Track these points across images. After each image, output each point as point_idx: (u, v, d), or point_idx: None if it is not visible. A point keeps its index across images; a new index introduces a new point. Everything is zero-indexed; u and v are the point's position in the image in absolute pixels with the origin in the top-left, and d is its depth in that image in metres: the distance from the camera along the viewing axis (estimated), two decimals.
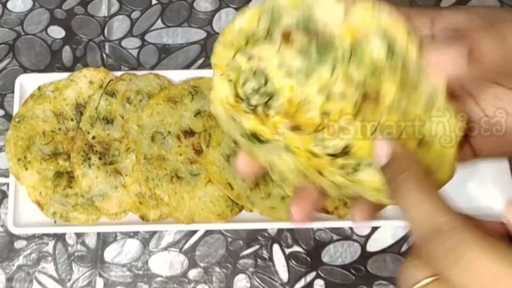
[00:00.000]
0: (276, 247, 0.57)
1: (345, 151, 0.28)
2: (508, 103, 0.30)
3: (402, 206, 0.26)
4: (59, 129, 0.58)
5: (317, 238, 0.58)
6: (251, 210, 0.55)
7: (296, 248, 0.57)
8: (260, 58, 0.28)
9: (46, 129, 0.58)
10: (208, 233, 0.58)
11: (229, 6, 0.67)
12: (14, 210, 0.55)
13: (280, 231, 0.58)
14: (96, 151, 0.56)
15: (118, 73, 0.60)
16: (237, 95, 0.29)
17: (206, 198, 0.55)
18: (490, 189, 0.57)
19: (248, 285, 0.56)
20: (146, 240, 0.58)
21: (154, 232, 0.58)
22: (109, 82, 0.59)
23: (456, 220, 0.24)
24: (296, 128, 0.28)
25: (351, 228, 0.57)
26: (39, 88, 0.59)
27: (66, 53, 0.65)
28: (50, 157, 0.57)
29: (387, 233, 0.58)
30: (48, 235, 0.58)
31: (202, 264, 0.57)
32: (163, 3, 0.67)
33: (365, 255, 0.57)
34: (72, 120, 0.59)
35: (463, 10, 0.29)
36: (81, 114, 0.58)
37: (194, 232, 0.58)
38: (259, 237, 0.58)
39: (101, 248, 0.58)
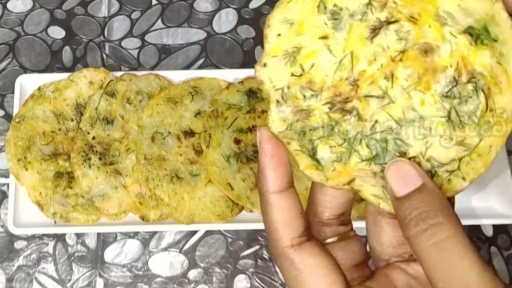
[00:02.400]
0: None
1: None
2: None
3: (428, 261, 0.24)
4: (59, 129, 0.58)
5: None
6: (251, 211, 0.55)
7: None
8: None
9: (46, 129, 0.58)
10: (208, 233, 0.58)
11: (229, 6, 0.67)
12: (14, 211, 0.55)
13: None
14: (96, 151, 0.56)
15: (118, 74, 0.60)
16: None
17: (206, 199, 0.55)
18: (490, 190, 0.57)
19: (248, 285, 0.56)
20: (146, 240, 0.58)
21: (154, 233, 0.58)
22: (109, 82, 0.59)
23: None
24: None
25: None
26: (39, 88, 0.59)
27: (66, 54, 0.65)
28: (50, 157, 0.57)
29: None
30: (48, 235, 0.58)
31: (202, 265, 0.57)
32: (163, 4, 0.67)
33: None
34: (72, 120, 0.58)
35: None
36: (81, 114, 0.58)
37: (194, 232, 0.58)
38: (259, 238, 0.58)
39: (101, 248, 0.58)
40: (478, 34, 0.28)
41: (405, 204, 0.25)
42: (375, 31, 0.28)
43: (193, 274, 0.57)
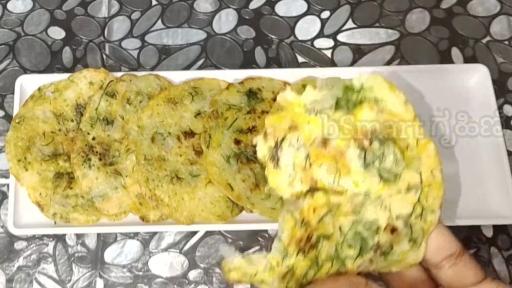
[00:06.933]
0: None
1: None
2: None
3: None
4: (59, 130, 0.58)
5: None
6: (251, 211, 0.55)
7: None
8: None
9: (46, 130, 0.58)
10: (208, 234, 0.58)
11: (229, 7, 0.67)
12: (14, 211, 0.55)
13: None
14: (96, 152, 0.56)
15: (118, 74, 0.60)
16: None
17: (206, 199, 0.55)
18: (490, 190, 0.57)
19: (248, 286, 0.56)
20: (146, 241, 0.58)
21: (154, 233, 0.58)
22: (109, 83, 0.59)
23: None
24: None
25: None
26: (39, 89, 0.59)
27: (66, 54, 0.65)
28: (50, 158, 0.57)
29: None
30: (48, 236, 0.58)
31: (202, 265, 0.57)
32: (163, 4, 0.67)
33: None
34: (72, 121, 0.59)
35: None
36: (81, 115, 0.58)
37: (194, 233, 0.58)
38: (259, 238, 0.58)
39: (101, 249, 0.58)
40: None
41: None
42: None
43: (193, 274, 0.57)
